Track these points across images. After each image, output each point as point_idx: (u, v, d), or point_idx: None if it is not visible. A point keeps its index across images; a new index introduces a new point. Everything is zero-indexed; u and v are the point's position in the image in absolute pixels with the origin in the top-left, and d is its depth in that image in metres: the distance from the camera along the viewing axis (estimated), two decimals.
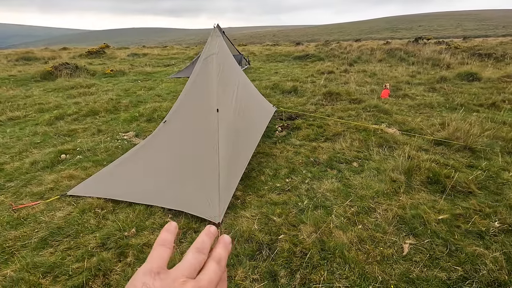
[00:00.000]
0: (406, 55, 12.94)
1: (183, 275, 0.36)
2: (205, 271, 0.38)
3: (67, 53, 17.77)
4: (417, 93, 7.25)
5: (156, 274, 0.35)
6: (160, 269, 0.36)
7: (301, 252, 2.32)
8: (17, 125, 5.58)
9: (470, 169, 3.52)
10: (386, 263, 2.21)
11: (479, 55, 11.88)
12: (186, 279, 0.35)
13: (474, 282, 2.01)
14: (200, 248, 0.40)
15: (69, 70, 10.23)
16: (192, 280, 0.36)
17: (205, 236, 0.42)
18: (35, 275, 2.13)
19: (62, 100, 7.17)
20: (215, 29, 4.24)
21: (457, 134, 4.23)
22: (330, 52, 15.25)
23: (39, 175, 3.64)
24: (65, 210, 2.92)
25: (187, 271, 0.36)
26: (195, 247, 0.40)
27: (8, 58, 14.83)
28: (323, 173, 3.58)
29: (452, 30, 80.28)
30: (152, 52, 18.54)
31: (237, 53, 11.46)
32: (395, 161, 3.63)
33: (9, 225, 2.72)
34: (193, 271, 0.37)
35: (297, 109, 6.13)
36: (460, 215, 2.70)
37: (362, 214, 2.78)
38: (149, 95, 7.73)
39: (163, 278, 0.35)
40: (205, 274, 0.38)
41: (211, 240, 0.42)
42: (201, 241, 0.41)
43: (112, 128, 5.28)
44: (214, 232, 0.43)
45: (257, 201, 3.05)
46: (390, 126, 4.99)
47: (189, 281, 0.35)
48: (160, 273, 0.35)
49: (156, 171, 3.23)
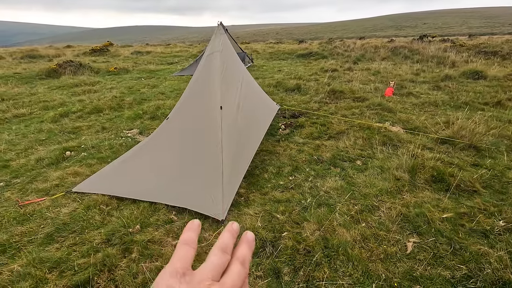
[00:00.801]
0: (410, 53, 12.84)
1: (208, 277, 0.35)
2: (229, 273, 0.37)
3: (71, 51, 17.87)
4: (422, 91, 7.20)
5: (181, 275, 0.34)
6: (185, 270, 0.35)
7: (305, 250, 2.33)
8: (22, 122, 5.63)
9: (475, 168, 3.50)
10: (389, 261, 2.21)
11: (484, 53, 11.76)
12: (211, 282, 0.34)
13: (478, 280, 2.01)
14: (224, 247, 0.39)
15: (73, 67, 10.29)
16: (217, 283, 0.35)
17: (228, 234, 0.40)
18: (42, 270, 2.16)
19: (66, 98, 7.22)
20: (219, 26, 4.24)
21: (462, 132, 4.20)
22: (334, 50, 15.18)
23: (44, 171, 3.67)
24: (70, 206, 2.95)
25: (212, 273, 0.35)
26: (219, 246, 0.38)
27: (13, 56, 14.95)
28: (327, 171, 3.58)
29: (458, 28, 79.43)
30: (155, 50, 18.58)
31: (240, 51, 11.44)
32: (399, 159, 3.62)
33: (15, 220, 2.76)
34: (217, 273, 0.36)
35: (301, 107, 6.11)
36: (464, 213, 2.69)
37: (365, 212, 2.78)
38: (153, 93, 7.75)
39: (189, 281, 0.34)
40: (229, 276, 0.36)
41: (234, 238, 0.40)
42: (225, 240, 0.39)
43: (116, 126, 5.31)
44: (236, 230, 0.42)
45: (260, 198, 3.06)
46: (394, 125, 4.97)
47: (214, 284, 0.35)
48: (185, 274, 0.34)
49: (160, 168, 3.25)
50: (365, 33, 76.74)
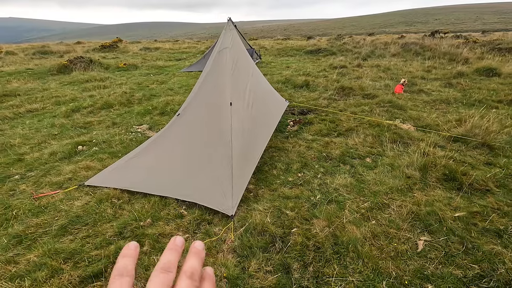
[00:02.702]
0: (421, 49, 12.59)
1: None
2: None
3: (81, 47, 18.08)
4: (433, 89, 7.07)
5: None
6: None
7: (314, 246, 2.33)
8: (35, 117, 5.75)
9: (488, 167, 3.44)
10: (400, 259, 2.20)
11: (499, 49, 11.45)
12: None
13: (491, 280, 1.98)
14: (166, 267, 0.35)
15: (83, 63, 10.43)
16: None
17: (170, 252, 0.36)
18: (57, 260, 2.22)
19: (77, 93, 7.33)
20: (228, 22, 4.23)
21: (474, 130, 4.12)
22: (343, 46, 15.00)
23: (57, 165, 3.75)
24: (83, 199, 3.01)
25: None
26: (159, 267, 0.35)
27: (25, 52, 15.21)
28: (336, 168, 3.56)
29: (471, 24, 77.48)
30: (163, 46, 18.67)
31: (248, 47, 11.41)
32: (410, 157, 3.57)
33: (30, 212, 2.83)
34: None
35: (309, 104, 6.08)
36: (477, 213, 2.65)
37: (375, 209, 2.76)
38: (162, 88, 7.81)
39: None
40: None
41: (179, 253, 0.37)
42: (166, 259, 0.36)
43: (126, 121, 5.38)
44: (180, 244, 0.38)
45: (269, 194, 3.07)
46: (404, 122, 4.90)
47: None
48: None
49: (170, 163, 3.28)
50: (375, 29, 75.55)
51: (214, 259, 2.23)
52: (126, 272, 0.34)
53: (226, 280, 2.05)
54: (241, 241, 2.39)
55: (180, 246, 0.37)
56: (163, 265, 0.35)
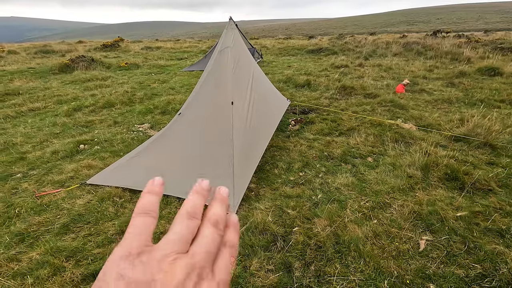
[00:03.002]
0: (423, 49, 12.55)
1: (173, 251, 0.28)
2: (200, 240, 0.30)
3: (83, 46, 18.12)
4: (435, 88, 7.05)
5: (136, 256, 0.27)
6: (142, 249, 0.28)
7: (316, 245, 2.33)
8: (37, 115, 5.77)
9: (490, 167, 3.43)
10: (401, 258, 2.19)
11: (501, 49, 11.40)
12: (176, 256, 0.28)
13: (493, 280, 1.98)
14: (192, 212, 0.31)
15: (85, 63, 10.44)
16: (184, 255, 0.28)
17: (196, 196, 0.33)
18: (59, 258, 2.23)
19: (79, 92, 7.34)
20: (230, 21, 4.23)
21: (477, 130, 4.11)
22: (344, 46, 14.97)
23: (59, 164, 3.76)
24: (85, 198, 3.02)
25: (177, 245, 0.29)
26: (185, 211, 0.31)
27: (27, 51, 15.25)
28: (337, 168, 3.56)
29: (473, 23, 77.19)
30: (165, 46, 18.68)
31: (250, 46, 11.40)
32: (412, 156, 3.56)
33: (33, 211, 2.84)
34: (184, 243, 0.29)
35: (311, 103, 6.07)
36: (479, 212, 2.64)
37: (377, 209, 2.76)
38: (163, 88, 7.81)
39: (146, 262, 0.27)
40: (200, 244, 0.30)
41: (205, 198, 0.34)
42: (192, 203, 0.32)
43: (127, 120, 5.39)
44: (207, 188, 0.34)
45: (270, 193, 3.07)
46: (406, 122, 4.89)
47: (180, 257, 0.28)
48: (141, 253, 0.28)
49: (172, 162, 3.28)
50: (377, 29, 75.42)
51: None
52: (151, 209, 0.31)
53: None
54: (243, 240, 2.39)
55: (207, 190, 0.34)
56: (190, 209, 0.32)
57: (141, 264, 0.27)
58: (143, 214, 0.31)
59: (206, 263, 0.29)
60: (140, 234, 0.29)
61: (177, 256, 0.28)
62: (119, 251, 0.28)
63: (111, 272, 0.26)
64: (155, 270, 0.27)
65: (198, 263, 0.28)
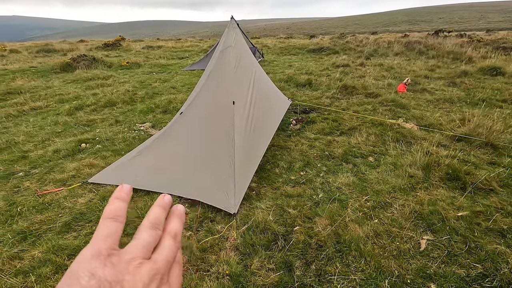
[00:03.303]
0: (425, 48, 12.52)
1: (138, 256, 0.31)
2: (161, 249, 0.34)
3: (84, 45, 18.14)
4: (436, 88, 7.03)
5: (106, 257, 0.29)
6: (111, 251, 0.30)
7: (317, 244, 2.33)
8: (39, 114, 5.79)
9: (492, 166, 3.42)
10: (402, 258, 2.20)
11: (503, 48, 11.37)
12: (141, 261, 0.31)
13: (494, 280, 1.98)
14: (155, 223, 0.35)
15: (87, 62, 10.46)
16: (148, 261, 0.32)
17: (158, 209, 0.36)
18: (61, 257, 2.24)
19: (81, 91, 7.36)
20: (231, 20, 4.23)
21: (478, 130, 4.10)
22: (346, 45, 14.94)
23: (61, 163, 3.78)
24: (86, 196, 3.03)
25: (142, 251, 0.32)
26: (149, 222, 0.35)
27: (29, 50, 15.29)
28: (338, 167, 3.56)
29: (475, 23, 76.87)
30: (166, 45, 18.68)
31: (251, 46, 11.39)
32: (413, 156, 3.56)
33: (35, 209, 2.85)
34: (148, 250, 0.33)
35: (312, 102, 6.07)
36: (480, 212, 2.64)
37: (378, 208, 2.76)
38: (164, 87, 7.82)
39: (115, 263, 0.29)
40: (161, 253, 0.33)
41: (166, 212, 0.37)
42: (155, 215, 0.35)
43: (129, 119, 5.40)
44: (168, 203, 0.38)
45: (272, 193, 3.07)
46: (407, 121, 4.88)
47: (145, 262, 0.31)
48: (111, 255, 0.30)
49: (173, 161, 3.29)
50: (378, 28, 75.22)
51: (216, 256, 2.25)
52: (118, 215, 0.33)
53: (229, 277, 2.06)
54: (244, 239, 2.40)
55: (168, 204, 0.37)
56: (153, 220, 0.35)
57: (111, 264, 0.29)
58: (111, 219, 0.33)
59: (165, 270, 0.33)
60: (108, 237, 0.31)
61: (142, 261, 0.31)
62: (89, 251, 0.30)
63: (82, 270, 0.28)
64: (124, 271, 0.29)
65: (160, 269, 0.32)
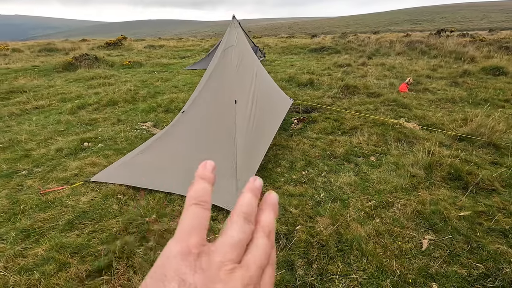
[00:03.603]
0: (427, 48, 12.48)
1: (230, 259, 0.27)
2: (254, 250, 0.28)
3: (86, 44, 18.18)
4: (438, 88, 7.01)
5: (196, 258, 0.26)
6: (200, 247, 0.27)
7: (318, 243, 2.34)
8: (41, 113, 5.81)
9: (494, 166, 3.41)
10: (404, 258, 2.20)
11: (506, 48, 11.31)
12: (234, 266, 0.27)
13: (496, 280, 1.97)
14: (247, 214, 0.29)
15: (89, 61, 10.49)
16: (240, 267, 0.27)
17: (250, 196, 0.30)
18: (64, 254, 2.25)
19: (83, 90, 7.39)
20: (233, 20, 4.23)
21: (480, 130, 4.09)
22: (347, 44, 14.91)
23: (63, 161, 3.79)
24: (89, 195, 3.04)
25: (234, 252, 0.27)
26: (241, 212, 0.29)
27: (31, 49, 15.34)
28: (340, 167, 3.56)
29: (477, 22, 76.56)
30: (168, 44, 18.70)
31: (253, 45, 11.38)
32: (415, 156, 3.56)
33: (38, 207, 2.87)
34: (240, 250, 0.28)
35: (314, 102, 6.07)
36: (482, 212, 2.64)
37: (379, 208, 2.76)
38: (166, 86, 7.83)
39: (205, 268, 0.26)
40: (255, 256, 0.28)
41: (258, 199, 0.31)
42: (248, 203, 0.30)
43: (131, 118, 5.41)
44: (259, 187, 0.32)
45: None
46: (409, 121, 4.88)
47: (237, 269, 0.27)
48: (201, 254, 0.26)
49: (175, 160, 3.30)
50: (380, 28, 75.03)
51: None
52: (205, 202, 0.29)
53: None
54: None
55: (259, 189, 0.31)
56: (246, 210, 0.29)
57: (201, 270, 0.26)
58: (197, 205, 0.28)
59: (259, 278, 0.28)
60: (196, 228, 0.27)
61: (234, 266, 0.27)
62: (177, 246, 0.26)
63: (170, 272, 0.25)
64: (215, 279, 0.25)
65: (254, 277, 0.27)
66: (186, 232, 0.27)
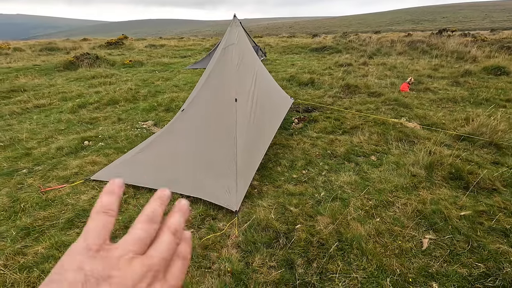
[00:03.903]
0: (428, 47, 12.45)
1: (130, 250, 0.29)
2: (157, 244, 0.31)
3: (87, 43, 18.20)
4: (440, 87, 6.99)
5: (95, 252, 0.28)
6: (100, 245, 0.29)
7: (318, 242, 2.33)
8: (42, 112, 5.82)
9: (495, 166, 3.40)
10: (404, 257, 2.19)
11: (508, 48, 11.27)
12: (133, 256, 0.29)
13: (497, 279, 1.97)
14: (151, 216, 0.32)
15: (89, 60, 10.50)
16: (140, 256, 0.30)
17: (156, 202, 0.34)
18: (64, 253, 2.25)
19: (84, 89, 7.39)
20: (234, 19, 4.23)
21: (482, 129, 4.07)
22: (348, 44, 14.87)
23: (64, 160, 3.80)
24: (89, 193, 3.05)
25: (135, 246, 0.30)
26: (144, 215, 0.33)
27: (32, 49, 15.36)
28: (340, 166, 3.55)
29: (479, 22, 76.33)
30: (169, 43, 18.70)
31: (254, 44, 11.38)
32: (415, 155, 3.55)
33: (38, 206, 2.87)
34: (142, 245, 0.30)
35: (314, 101, 6.06)
36: (483, 212, 2.63)
37: (380, 207, 2.75)
38: (167, 85, 7.84)
39: (105, 257, 0.28)
40: (157, 248, 0.31)
41: (164, 206, 0.34)
42: (152, 208, 0.33)
43: (131, 117, 5.41)
44: (167, 197, 0.35)
45: (273, 191, 3.08)
46: (410, 120, 4.86)
47: (137, 257, 0.29)
48: (100, 250, 0.28)
49: (175, 158, 3.30)
50: (381, 27, 74.91)
51: (218, 253, 2.25)
52: (110, 209, 0.32)
53: (230, 274, 2.06)
54: (245, 236, 2.40)
55: (167, 198, 0.35)
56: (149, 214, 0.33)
57: (100, 258, 0.28)
58: (102, 213, 0.31)
59: (161, 267, 0.30)
60: (98, 232, 0.30)
61: (134, 256, 0.29)
62: (78, 246, 0.29)
63: (70, 264, 0.27)
64: (114, 266, 0.28)
65: (154, 265, 0.29)
66: (88, 234, 0.29)
